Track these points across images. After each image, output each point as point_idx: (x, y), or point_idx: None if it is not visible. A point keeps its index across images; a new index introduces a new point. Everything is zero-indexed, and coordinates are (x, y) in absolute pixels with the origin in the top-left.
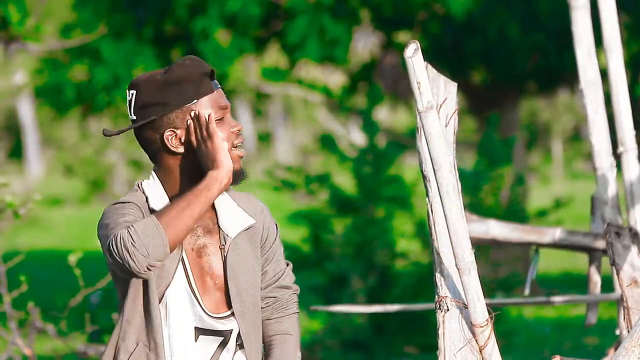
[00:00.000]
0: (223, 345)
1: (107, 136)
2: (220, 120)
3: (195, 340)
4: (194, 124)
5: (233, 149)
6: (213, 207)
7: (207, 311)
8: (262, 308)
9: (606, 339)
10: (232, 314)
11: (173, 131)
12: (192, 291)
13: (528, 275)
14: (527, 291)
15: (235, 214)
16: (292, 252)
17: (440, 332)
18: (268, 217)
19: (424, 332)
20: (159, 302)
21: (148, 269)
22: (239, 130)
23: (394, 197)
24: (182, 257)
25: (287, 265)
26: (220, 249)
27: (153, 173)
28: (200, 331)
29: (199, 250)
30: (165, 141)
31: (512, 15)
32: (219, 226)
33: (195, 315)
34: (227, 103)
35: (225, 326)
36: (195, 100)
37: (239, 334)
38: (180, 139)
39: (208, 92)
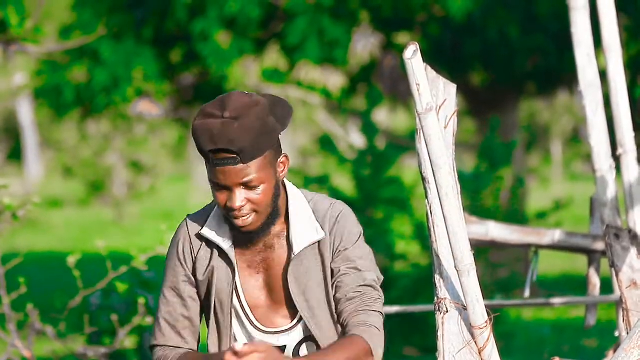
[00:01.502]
0: None
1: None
2: (217, 186)
3: None
4: None
5: (227, 215)
6: (287, 216)
7: (258, 327)
8: (347, 301)
9: (605, 340)
10: (290, 328)
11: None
12: (242, 309)
13: (528, 278)
14: (527, 293)
15: (306, 226)
16: None
17: (439, 333)
18: (344, 224)
19: (423, 333)
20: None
21: None
22: (232, 209)
23: (393, 198)
24: (235, 280)
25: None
26: (287, 263)
27: None
28: None
29: (258, 265)
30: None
31: (512, 17)
32: (288, 238)
33: (245, 334)
34: (224, 183)
35: (278, 341)
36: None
37: (301, 348)
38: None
39: (209, 165)
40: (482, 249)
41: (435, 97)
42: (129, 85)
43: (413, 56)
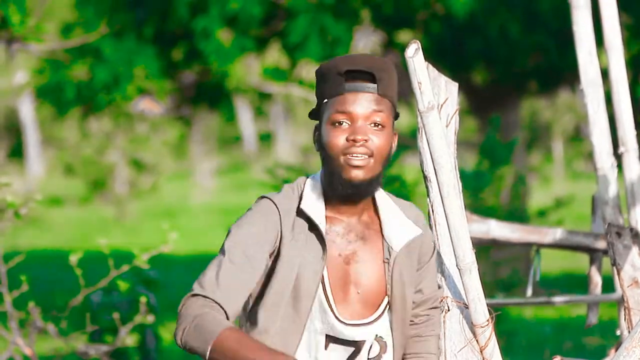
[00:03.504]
0: (353, 356)
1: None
2: (338, 124)
3: (325, 349)
4: None
5: (343, 156)
6: (377, 213)
7: (340, 318)
8: (412, 323)
9: (607, 339)
10: (369, 322)
11: (317, 128)
12: (326, 299)
13: (530, 276)
14: (529, 292)
15: (401, 224)
16: None
17: (441, 332)
18: (428, 231)
19: None
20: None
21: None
22: (354, 141)
23: None
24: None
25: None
26: (385, 262)
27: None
28: (330, 339)
29: (348, 257)
30: (312, 135)
31: (513, 15)
32: (382, 235)
33: (326, 323)
34: (352, 110)
35: (357, 336)
36: (326, 100)
37: (371, 348)
38: (318, 137)
39: (337, 94)
40: (483, 248)
41: (436, 96)
42: (130, 83)
43: (415, 54)
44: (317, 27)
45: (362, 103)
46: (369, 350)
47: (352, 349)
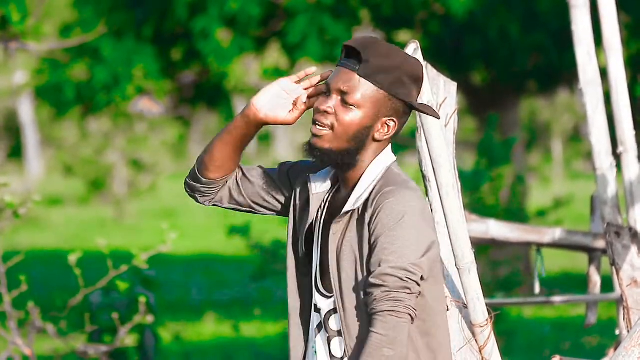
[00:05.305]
0: (320, 326)
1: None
2: (323, 94)
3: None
4: None
5: (312, 123)
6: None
7: (319, 287)
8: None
9: (606, 339)
10: (330, 296)
11: None
12: (313, 266)
13: (535, 274)
14: (537, 289)
15: (354, 196)
16: None
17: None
18: (385, 207)
19: None
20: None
21: (190, 191)
22: (318, 110)
23: None
24: (316, 229)
25: (405, 264)
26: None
27: None
28: (314, 307)
29: (325, 229)
30: None
31: (512, 15)
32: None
33: (315, 289)
34: (330, 83)
35: (322, 306)
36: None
37: (330, 319)
38: None
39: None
40: (482, 247)
41: (435, 96)
42: (129, 83)
43: (413, 54)
44: (316, 27)
45: (340, 78)
46: (328, 321)
47: (319, 315)
